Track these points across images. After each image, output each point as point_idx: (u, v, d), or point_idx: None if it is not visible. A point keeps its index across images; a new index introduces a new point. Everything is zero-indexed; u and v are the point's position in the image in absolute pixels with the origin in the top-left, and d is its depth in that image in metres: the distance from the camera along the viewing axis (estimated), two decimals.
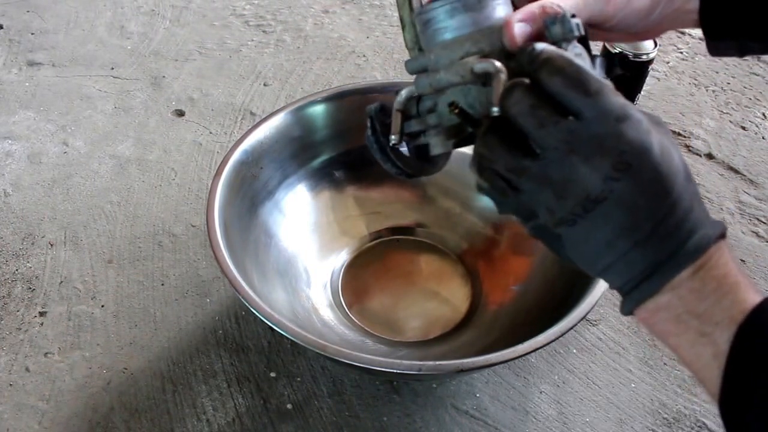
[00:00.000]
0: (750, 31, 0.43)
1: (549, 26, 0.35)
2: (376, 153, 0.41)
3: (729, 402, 0.30)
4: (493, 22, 0.37)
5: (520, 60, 0.33)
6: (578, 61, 0.32)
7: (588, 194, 0.32)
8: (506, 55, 0.36)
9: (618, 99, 0.32)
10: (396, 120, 0.40)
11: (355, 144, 0.70)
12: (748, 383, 0.30)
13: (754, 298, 0.31)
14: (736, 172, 0.83)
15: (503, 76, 0.34)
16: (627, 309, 0.34)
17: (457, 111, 0.36)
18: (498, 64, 0.34)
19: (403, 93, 0.40)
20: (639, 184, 0.31)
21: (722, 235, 0.33)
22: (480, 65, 0.35)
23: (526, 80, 0.33)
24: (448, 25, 0.37)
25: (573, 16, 0.35)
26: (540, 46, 0.33)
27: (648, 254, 0.32)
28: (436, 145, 0.39)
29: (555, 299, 0.56)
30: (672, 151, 0.32)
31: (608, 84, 0.32)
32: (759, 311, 0.30)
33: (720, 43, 0.45)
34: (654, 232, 0.32)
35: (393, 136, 0.40)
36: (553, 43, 0.35)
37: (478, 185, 0.36)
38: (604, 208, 0.32)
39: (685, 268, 0.32)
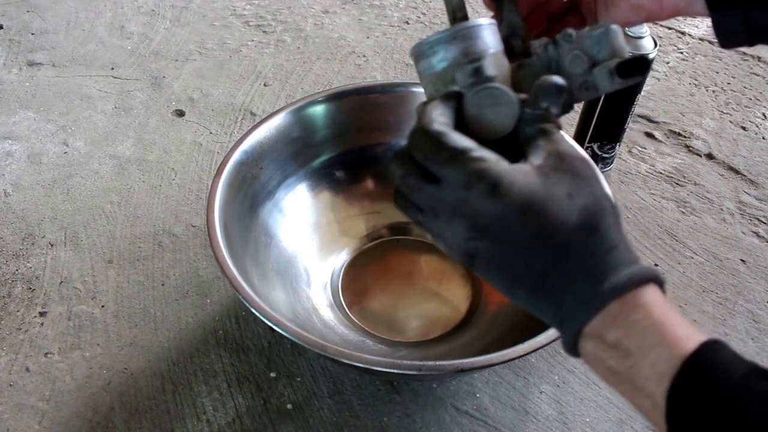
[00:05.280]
0: None
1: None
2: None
3: None
4: (469, 51, 0.37)
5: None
6: (444, 126, 0.34)
7: (459, 250, 0.34)
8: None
9: (472, 166, 0.32)
10: None
11: (355, 144, 0.70)
12: None
13: (683, 349, 0.29)
14: (736, 172, 0.83)
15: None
16: (568, 352, 0.34)
17: None
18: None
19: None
20: (500, 243, 0.32)
21: (644, 282, 0.31)
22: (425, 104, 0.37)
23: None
24: (429, 64, 0.39)
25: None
26: (420, 116, 0.35)
27: (547, 303, 0.33)
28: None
29: None
30: (551, 206, 0.31)
31: (466, 148, 0.33)
32: (691, 362, 0.29)
33: (724, 16, 0.44)
34: (541, 284, 0.32)
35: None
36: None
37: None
38: (479, 262, 0.33)
39: (591, 318, 0.31)
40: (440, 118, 0.35)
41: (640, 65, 0.37)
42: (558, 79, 0.36)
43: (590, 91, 0.38)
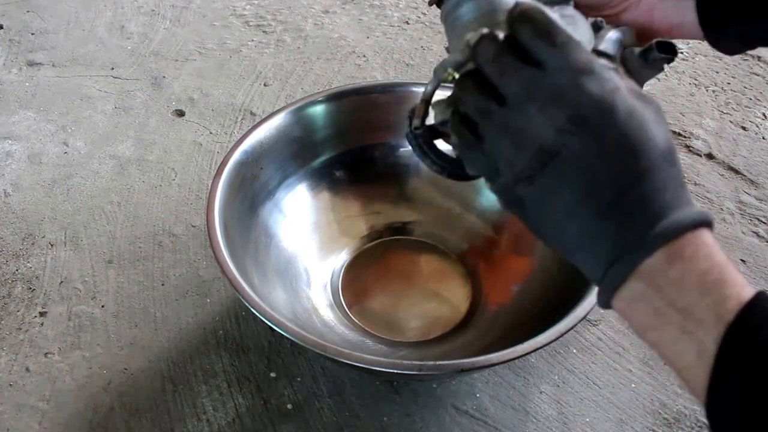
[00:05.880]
0: (746, 14, 0.42)
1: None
2: (414, 149, 0.41)
3: (717, 407, 0.29)
4: (499, 5, 0.37)
5: (507, 21, 0.33)
6: (556, 17, 0.32)
7: (541, 145, 0.31)
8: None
9: (584, 55, 0.31)
10: (419, 108, 0.40)
11: (355, 144, 0.70)
12: (740, 390, 0.28)
13: (741, 295, 0.29)
14: (737, 172, 0.83)
15: (482, 33, 0.34)
16: (603, 299, 0.32)
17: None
18: (485, 29, 0.34)
19: (429, 86, 0.40)
20: (596, 141, 0.30)
21: (705, 224, 0.31)
22: (471, 34, 0.35)
23: (501, 34, 0.33)
24: (460, 14, 0.38)
25: None
26: (522, 2, 0.33)
27: (613, 229, 0.31)
28: (436, 114, 0.39)
29: (555, 299, 0.56)
30: (647, 122, 0.31)
31: (577, 40, 0.32)
32: (749, 310, 0.28)
33: (719, 35, 0.44)
34: (617, 202, 0.30)
35: (415, 120, 0.39)
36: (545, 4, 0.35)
37: (452, 127, 0.37)
38: (559, 163, 0.31)
39: (654, 251, 0.30)
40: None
41: (672, 48, 0.37)
42: (617, 32, 0.35)
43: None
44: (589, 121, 0.30)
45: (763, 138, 0.88)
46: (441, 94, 0.39)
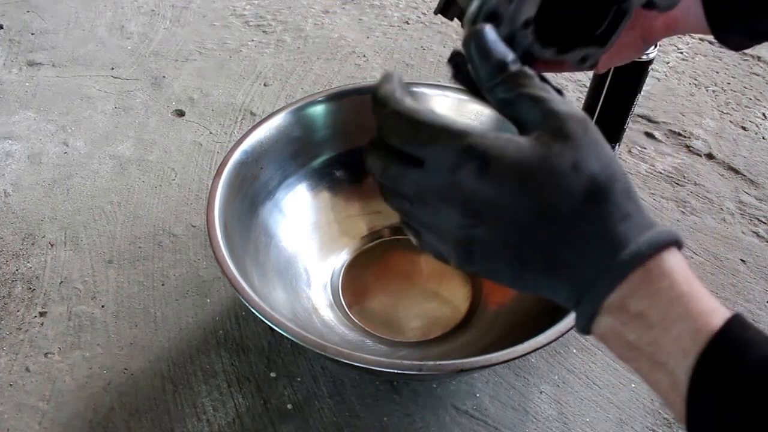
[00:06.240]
0: (747, 13, 0.42)
1: None
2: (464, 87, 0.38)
3: None
4: None
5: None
6: (413, 102, 0.31)
7: (456, 239, 0.31)
8: None
9: (455, 142, 0.29)
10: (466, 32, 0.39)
11: (355, 144, 0.70)
12: (715, 414, 0.27)
13: (710, 324, 0.28)
14: (737, 172, 0.83)
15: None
16: (580, 329, 0.32)
17: None
18: None
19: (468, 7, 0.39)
20: (501, 226, 0.30)
21: (666, 246, 0.29)
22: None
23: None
24: None
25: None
26: (382, 87, 0.33)
27: (565, 280, 0.30)
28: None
29: None
30: (550, 180, 0.29)
31: (444, 123, 0.30)
32: (720, 337, 0.27)
33: (725, 30, 0.44)
34: (553, 263, 0.30)
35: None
36: None
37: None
38: (479, 250, 0.31)
39: (612, 291, 0.29)
40: (406, 97, 0.32)
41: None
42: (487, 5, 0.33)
43: None
44: (483, 211, 0.30)
45: (763, 138, 0.88)
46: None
